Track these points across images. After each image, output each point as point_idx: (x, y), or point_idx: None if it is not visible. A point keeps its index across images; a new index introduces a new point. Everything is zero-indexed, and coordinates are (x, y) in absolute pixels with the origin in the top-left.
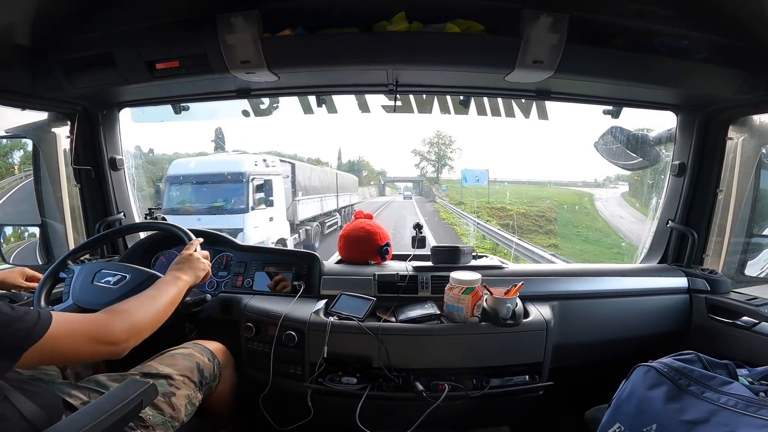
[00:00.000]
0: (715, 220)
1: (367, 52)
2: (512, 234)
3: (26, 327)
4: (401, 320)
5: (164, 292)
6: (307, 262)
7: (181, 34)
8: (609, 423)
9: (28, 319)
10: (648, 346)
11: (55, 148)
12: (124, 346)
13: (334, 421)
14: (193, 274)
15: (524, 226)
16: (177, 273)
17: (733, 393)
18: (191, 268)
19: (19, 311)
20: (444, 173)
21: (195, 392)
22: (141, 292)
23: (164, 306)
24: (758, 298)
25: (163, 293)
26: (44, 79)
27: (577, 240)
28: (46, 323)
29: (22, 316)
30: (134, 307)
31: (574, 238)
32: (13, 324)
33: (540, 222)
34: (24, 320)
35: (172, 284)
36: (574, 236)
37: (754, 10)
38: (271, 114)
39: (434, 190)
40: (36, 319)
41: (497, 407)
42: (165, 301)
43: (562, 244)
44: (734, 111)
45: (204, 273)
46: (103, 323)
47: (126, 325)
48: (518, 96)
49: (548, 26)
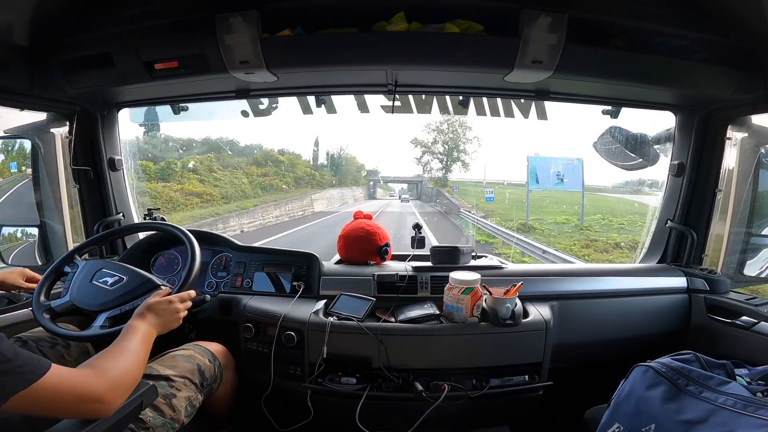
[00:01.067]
0: (714, 219)
1: (366, 52)
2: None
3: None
4: (401, 320)
5: (134, 343)
6: (307, 263)
7: (180, 35)
8: (608, 423)
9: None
10: (647, 345)
11: (54, 148)
12: (110, 404)
13: (334, 422)
14: (161, 322)
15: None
16: (143, 321)
17: (731, 393)
18: (159, 316)
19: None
20: (455, 172)
21: (196, 394)
22: (111, 346)
23: (139, 358)
24: (757, 297)
25: (134, 344)
26: (43, 80)
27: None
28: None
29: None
30: (110, 365)
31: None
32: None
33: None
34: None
35: (139, 333)
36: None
37: (753, 10)
38: (270, 114)
39: (446, 193)
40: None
41: (497, 407)
42: (137, 352)
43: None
44: (733, 111)
45: (176, 322)
46: (86, 380)
47: (107, 382)
48: (517, 96)
49: (547, 26)
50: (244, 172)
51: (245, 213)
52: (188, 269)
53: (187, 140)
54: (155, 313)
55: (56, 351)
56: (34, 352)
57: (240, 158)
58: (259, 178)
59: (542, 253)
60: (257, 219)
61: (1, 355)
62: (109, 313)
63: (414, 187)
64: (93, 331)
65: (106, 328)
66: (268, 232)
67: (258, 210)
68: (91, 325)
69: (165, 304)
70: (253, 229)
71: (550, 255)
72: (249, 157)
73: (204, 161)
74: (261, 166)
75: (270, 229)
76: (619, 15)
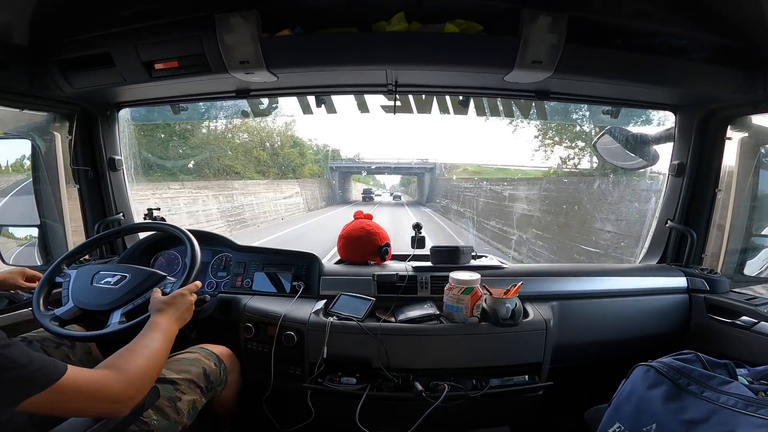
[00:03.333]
0: (714, 219)
1: (366, 52)
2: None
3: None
4: (401, 320)
5: (156, 341)
6: (307, 263)
7: (180, 34)
8: (609, 423)
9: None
10: (647, 345)
11: (54, 148)
12: (127, 403)
13: (334, 422)
14: (180, 316)
15: None
16: (165, 316)
17: (732, 392)
18: (178, 309)
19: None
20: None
21: (200, 397)
22: (132, 342)
23: (160, 355)
24: (757, 297)
25: (156, 342)
26: (42, 80)
27: None
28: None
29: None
30: (130, 364)
31: None
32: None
33: None
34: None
35: (162, 330)
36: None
37: (753, 10)
38: (270, 114)
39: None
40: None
41: (497, 407)
42: (158, 349)
43: None
44: (733, 111)
45: (190, 314)
46: (104, 381)
47: (125, 382)
48: (517, 96)
49: (547, 26)
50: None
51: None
52: (191, 261)
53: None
54: (174, 307)
55: (61, 351)
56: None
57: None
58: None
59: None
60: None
61: (13, 362)
62: (123, 309)
63: (418, 182)
64: (113, 328)
65: (125, 323)
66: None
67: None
68: (108, 323)
69: (179, 297)
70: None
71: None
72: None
73: None
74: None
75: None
76: (619, 15)
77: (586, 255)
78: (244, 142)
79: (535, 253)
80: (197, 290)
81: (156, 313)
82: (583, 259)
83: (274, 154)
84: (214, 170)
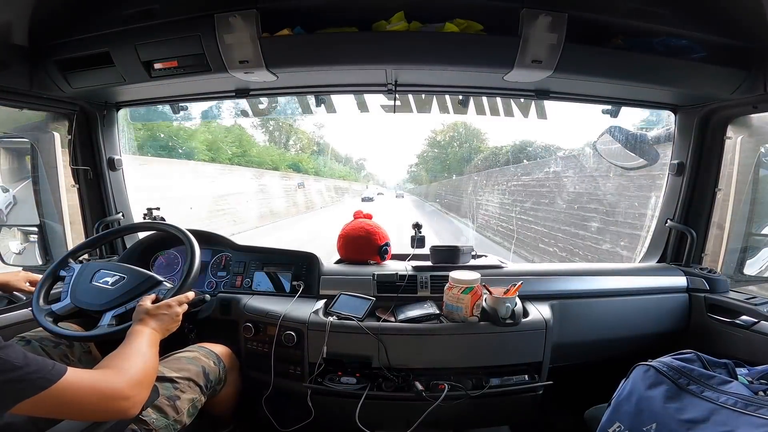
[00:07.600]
0: (714, 219)
1: (366, 52)
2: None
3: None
4: (401, 320)
5: (143, 346)
6: (307, 262)
7: (179, 34)
8: (609, 422)
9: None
10: (647, 345)
11: (54, 148)
12: (134, 400)
13: (334, 421)
14: (162, 326)
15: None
16: (146, 326)
17: (732, 392)
18: (160, 321)
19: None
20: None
21: (199, 396)
22: (120, 348)
23: (151, 358)
24: (757, 297)
25: (143, 347)
26: (42, 79)
27: None
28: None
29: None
30: (128, 364)
31: None
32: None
33: None
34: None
35: (145, 337)
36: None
37: (753, 10)
38: (270, 114)
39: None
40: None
41: (497, 407)
42: (146, 353)
43: None
44: (733, 110)
45: (175, 326)
46: (108, 379)
47: (128, 379)
48: (517, 95)
49: (547, 26)
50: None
51: None
52: (187, 270)
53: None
54: (155, 318)
55: (59, 350)
56: (38, 352)
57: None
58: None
59: None
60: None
61: (9, 364)
62: (114, 311)
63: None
64: (102, 330)
65: (114, 326)
66: None
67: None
68: (98, 324)
69: (164, 309)
70: None
71: None
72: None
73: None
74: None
75: None
76: (619, 15)
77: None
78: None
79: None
80: (187, 301)
81: (137, 323)
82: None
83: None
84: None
